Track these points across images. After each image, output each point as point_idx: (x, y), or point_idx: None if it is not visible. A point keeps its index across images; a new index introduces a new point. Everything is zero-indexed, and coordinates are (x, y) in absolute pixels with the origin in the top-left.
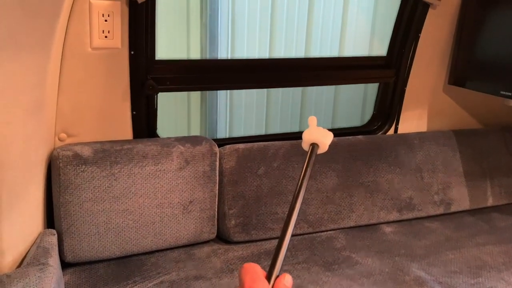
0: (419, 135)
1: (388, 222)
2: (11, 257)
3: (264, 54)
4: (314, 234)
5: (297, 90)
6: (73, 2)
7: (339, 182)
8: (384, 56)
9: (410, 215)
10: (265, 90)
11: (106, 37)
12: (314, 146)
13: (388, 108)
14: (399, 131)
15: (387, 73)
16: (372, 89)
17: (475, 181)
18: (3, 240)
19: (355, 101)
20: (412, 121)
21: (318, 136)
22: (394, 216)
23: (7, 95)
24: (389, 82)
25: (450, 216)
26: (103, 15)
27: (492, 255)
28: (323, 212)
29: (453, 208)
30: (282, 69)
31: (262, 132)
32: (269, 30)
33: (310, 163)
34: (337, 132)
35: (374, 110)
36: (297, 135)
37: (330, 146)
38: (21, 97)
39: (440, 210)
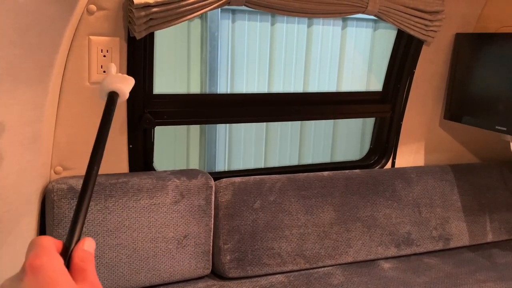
0: (417, 170)
1: (386, 258)
2: None
3: (263, 89)
4: (311, 270)
5: (296, 124)
6: (72, 38)
7: (336, 217)
8: (380, 91)
9: (408, 251)
10: (264, 124)
11: (104, 71)
12: (113, 95)
13: (385, 142)
14: (396, 165)
15: (383, 107)
16: (370, 123)
17: (474, 216)
18: None
19: (354, 134)
20: (409, 155)
21: (117, 83)
22: (392, 251)
23: (3, 129)
24: (385, 116)
25: (450, 252)
26: (102, 50)
27: None
28: (320, 248)
29: (452, 244)
30: (280, 104)
31: (261, 165)
32: (268, 65)
33: (108, 114)
34: (334, 166)
35: (371, 144)
36: (296, 169)
37: (327, 179)
38: (18, 131)
39: (439, 246)
